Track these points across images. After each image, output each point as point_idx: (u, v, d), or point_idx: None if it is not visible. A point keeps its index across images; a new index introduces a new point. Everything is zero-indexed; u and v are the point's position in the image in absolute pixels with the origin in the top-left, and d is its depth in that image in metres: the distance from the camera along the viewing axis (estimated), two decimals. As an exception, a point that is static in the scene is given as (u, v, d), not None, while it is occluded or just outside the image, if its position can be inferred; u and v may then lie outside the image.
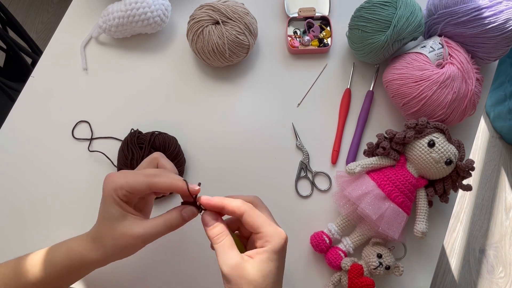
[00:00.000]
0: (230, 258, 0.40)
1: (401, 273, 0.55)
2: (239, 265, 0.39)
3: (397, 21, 0.59)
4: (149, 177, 0.43)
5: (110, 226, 0.43)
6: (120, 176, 0.44)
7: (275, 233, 0.41)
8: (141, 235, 0.43)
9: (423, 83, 0.58)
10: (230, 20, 0.64)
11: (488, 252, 1.38)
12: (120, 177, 0.44)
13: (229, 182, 0.64)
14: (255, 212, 0.42)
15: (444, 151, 0.55)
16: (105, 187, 0.44)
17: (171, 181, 0.43)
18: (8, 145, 0.66)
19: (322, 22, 0.72)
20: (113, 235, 0.43)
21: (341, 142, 0.66)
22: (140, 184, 0.43)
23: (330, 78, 0.70)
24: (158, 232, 0.44)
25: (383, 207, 0.54)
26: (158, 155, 0.48)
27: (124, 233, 0.43)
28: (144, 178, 0.43)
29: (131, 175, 0.44)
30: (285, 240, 0.41)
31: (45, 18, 1.77)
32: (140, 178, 0.43)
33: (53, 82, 0.70)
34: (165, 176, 0.44)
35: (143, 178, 0.43)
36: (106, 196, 0.44)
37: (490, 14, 0.58)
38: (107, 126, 0.67)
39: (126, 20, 0.67)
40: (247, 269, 0.39)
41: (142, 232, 0.43)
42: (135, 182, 0.43)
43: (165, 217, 0.44)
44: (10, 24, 1.06)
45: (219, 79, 0.70)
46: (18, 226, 0.62)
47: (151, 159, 0.48)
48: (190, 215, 0.45)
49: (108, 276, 0.59)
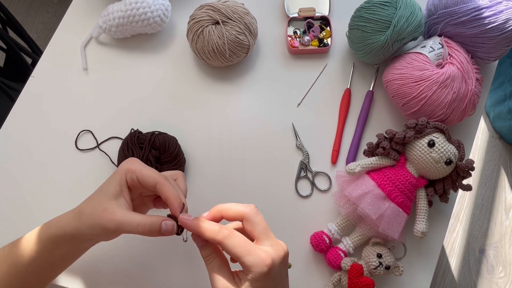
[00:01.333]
0: (217, 281, 0.40)
1: (401, 273, 0.55)
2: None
3: (397, 21, 0.59)
4: (161, 177, 0.44)
5: (98, 199, 0.44)
6: (139, 163, 0.46)
7: (255, 262, 0.38)
8: (118, 220, 0.42)
9: (423, 83, 0.58)
10: (230, 20, 0.64)
11: (488, 252, 1.38)
12: (138, 163, 0.46)
13: (229, 182, 0.64)
14: (233, 242, 0.39)
15: (444, 151, 0.55)
16: (121, 165, 0.46)
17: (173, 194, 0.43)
18: (8, 145, 0.66)
19: (322, 22, 0.72)
20: (95, 207, 0.43)
21: (341, 142, 0.66)
22: (151, 178, 0.44)
23: (330, 78, 0.70)
24: (134, 227, 0.42)
25: (383, 207, 0.54)
26: (180, 174, 0.50)
27: (106, 209, 0.43)
28: (156, 175, 0.44)
29: (147, 168, 0.45)
30: (268, 267, 0.38)
31: (45, 18, 1.77)
32: (153, 173, 0.45)
33: (53, 82, 0.70)
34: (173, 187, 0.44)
35: (155, 174, 0.44)
36: (116, 172, 0.46)
37: (490, 14, 0.58)
38: (107, 126, 0.67)
39: (126, 20, 0.67)
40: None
41: (120, 218, 0.42)
42: (148, 174, 0.44)
43: (147, 218, 0.43)
44: (10, 24, 1.06)
45: (219, 79, 0.70)
46: (18, 226, 0.62)
47: (173, 173, 0.50)
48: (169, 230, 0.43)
49: (108, 276, 0.59)
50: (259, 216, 0.42)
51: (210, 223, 0.41)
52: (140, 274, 0.59)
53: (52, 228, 0.46)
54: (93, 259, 0.58)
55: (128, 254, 0.60)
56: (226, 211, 0.42)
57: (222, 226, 0.41)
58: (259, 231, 0.41)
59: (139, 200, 0.50)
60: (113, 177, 0.45)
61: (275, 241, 0.41)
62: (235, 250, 0.39)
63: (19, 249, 0.46)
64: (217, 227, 0.41)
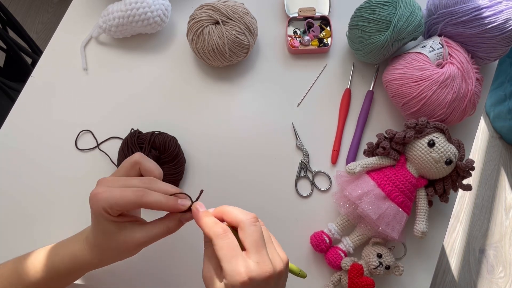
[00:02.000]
0: (205, 268, 0.41)
1: (401, 273, 0.55)
2: (208, 278, 0.40)
3: (397, 21, 0.59)
4: (138, 196, 0.41)
5: (109, 238, 0.44)
6: (107, 195, 0.41)
7: (229, 272, 0.37)
8: (142, 240, 0.44)
9: (423, 83, 0.58)
10: (230, 20, 0.64)
11: (488, 252, 1.38)
12: (107, 196, 0.41)
13: (229, 182, 0.64)
14: (221, 242, 0.39)
15: (444, 151, 0.55)
16: (94, 207, 0.42)
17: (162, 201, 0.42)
18: (9, 145, 0.66)
19: (322, 22, 0.72)
20: (114, 244, 0.44)
21: (341, 142, 0.66)
22: (129, 203, 0.41)
23: (330, 78, 0.70)
24: (158, 236, 0.44)
25: (383, 207, 0.54)
26: (139, 157, 0.45)
27: (126, 241, 0.44)
28: (132, 197, 0.41)
29: (118, 193, 0.41)
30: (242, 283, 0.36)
31: (45, 18, 1.77)
32: (128, 195, 0.41)
33: (53, 82, 0.70)
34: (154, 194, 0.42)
35: (131, 195, 0.41)
36: (97, 214, 0.43)
37: (490, 14, 0.58)
38: (107, 126, 0.67)
39: (126, 20, 0.67)
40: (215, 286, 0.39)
41: (143, 237, 0.44)
42: (123, 200, 0.41)
43: (164, 222, 0.45)
44: (10, 24, 1.06)
45: (219, 79, 0.70)
46: (20, 228, 0.62)
47: (132, 163, 0.45)
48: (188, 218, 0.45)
49: (107, 274, 0.59)
50: (252, 228, 0.39)
51: (211, 217, 0.42)
52: (143, 267, 0.59)
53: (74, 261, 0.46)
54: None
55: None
56: (226, 214, 0.42)
57: (219, 224, 0.41)
58: (249, 243, 0.39)
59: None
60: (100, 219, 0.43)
61: (264, 258, 0.38)
62: (219, 252, 0.38)
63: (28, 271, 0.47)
64: (212, 222, 0.41)
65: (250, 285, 0.37)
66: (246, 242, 0.39)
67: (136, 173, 0.46)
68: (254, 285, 0.37)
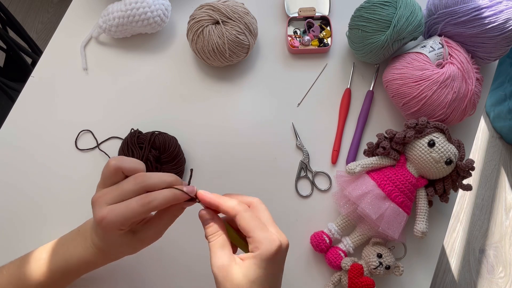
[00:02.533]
0: (218, 258, 0.40)
1: (401, 273, 0.55)
2: (225, 266, 0.39)
3: (397, 21, 0.59)
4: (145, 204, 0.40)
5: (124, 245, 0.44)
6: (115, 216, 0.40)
7: (266, 239, 0.38)
8: (155, 236, 0.45)
9: (423, 83, 0.58)
10: (230, 20, 0.64)
11: (488, 252, 1.38)
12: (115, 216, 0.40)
13: (229, 182, 0.64)
14: (249, 215, 0.40)
15: (444, 151, 0.55)
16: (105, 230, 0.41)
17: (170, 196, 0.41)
18: (8, 145, 0.66)
19: (322, 22, 0.72)
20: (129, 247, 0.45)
21: (341, 142, 0.66)
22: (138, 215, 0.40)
23: (330, 78, 0.70)
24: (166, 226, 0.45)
25: (383, 207, 0.54)
26: (116, 162, 0.41)
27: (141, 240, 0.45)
28: (140, 208, 0.40)
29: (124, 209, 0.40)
30: (277, 247, 0.39)
31: (45, 18, 1.77)
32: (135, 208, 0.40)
33: (53, 82, 0.70)
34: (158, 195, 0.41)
35: (138, 207, 0.40)
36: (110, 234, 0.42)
37: (490, 14, 0.58)
38: (107, 126, 0.67)
39: (126, 20, 0.67)
40: (233, 272, 0.38)
41: (155, 233, 0.45)
42: (133, 214, 0.40)
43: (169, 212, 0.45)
44: (10, 24, 1.06)
45: (219, 79, 0.70)
46: (19, 229, 0.62)
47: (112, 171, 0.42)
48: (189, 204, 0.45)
49: (107, 274, 0.59)
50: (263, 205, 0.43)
51: (226, 198, 0.42)
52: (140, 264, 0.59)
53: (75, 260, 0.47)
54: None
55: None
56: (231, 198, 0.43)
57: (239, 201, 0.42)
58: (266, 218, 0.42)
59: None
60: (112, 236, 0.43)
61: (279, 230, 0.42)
62: (250, 224, 0.40)
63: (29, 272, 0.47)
64: (232, 200, 0.42)
65: (280, 251, 0.39)
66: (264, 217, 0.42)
67: (121, 177, 0.42)
68: (282, 252, 0.40)
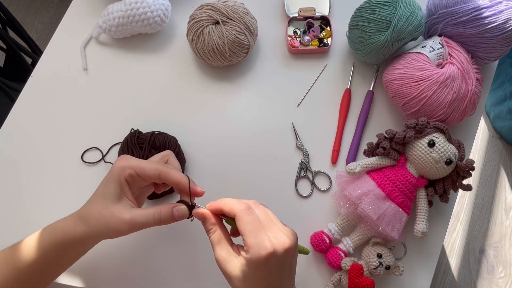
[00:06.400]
0: (216, 252, 0.42)
1: (401, 273, 0.55)
2: (222, 260, 0.41)
3: (397, 21, 0.59)
4: (162, 167, 0.46)
5: (102, 203, 0.44)
6: (133, 159, 0.46)
7: (256, 245, 0.39)
8: (128, 221, 0.44)
9: (423, 83, 0.58)
10: (230, 20, 0.64)
11: (488, 252, 1.38)
12: (133, 160, 0.46)
13: (229, 182, 0.64)
14: (245, 217, 0.41)
15: (444, 151, 0.55)
16: (116, 164, 0.46)
17: (181, 178, 0.46)
18: (8, 145, 0.66)
19: (322, 22, 0.72)
20: (102, 213, 0.44)
21: (341, 142, 0.66)
22: (153, 170, 0.45)
23: (330, 78, 0.70)
24: (146, 223, 0.44)
25: (383, 207, 0.54)
26: (169, 153, 0.51)
27: (113, 214, 0.44)
28: (157, 166, 0.46)
29: (144, 161, 0.47)
30: (268, 254, 0.38)
31: (45, 18, 1.77)
32: (153, 165, 0.46)
33: (53, 82, 0.70)
34: (176, 172, 0.46)
35: (156, 165, 0.46)
36: (112, 172, 0.45)
37: (490, 14, 0.58)
38: (107, 126, 0.67)
39: (126, 20, 0.67)
40: (230, 265, 0.41)
41: (130, 219, 0.44)
42: (148, 167, 0.46)
43: (156, 210, 0.45)
44: (10, 24, 1.06)
45: (219, 79, 0.70)
46: (18, 229, 0.62)
47: (163, 155, 0.50)
48: (181, 215, 0.45)
49: (107, 274, 0.59)
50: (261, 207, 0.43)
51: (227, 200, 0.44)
52: (138, 263, 0.59)
53: (57, 233, 0.46)
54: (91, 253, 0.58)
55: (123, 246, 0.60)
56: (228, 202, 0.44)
57: (241, 201, 0.43)
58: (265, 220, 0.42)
59: (138, 191, 0.51)
60: (111, 179, 0.45)
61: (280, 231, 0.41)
62: (244, 226, 0.40)
63: (21, 253, 0.46)
64: (234, 200, 0.43)
65: (273, 257, 0.39)
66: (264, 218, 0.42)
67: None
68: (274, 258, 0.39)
